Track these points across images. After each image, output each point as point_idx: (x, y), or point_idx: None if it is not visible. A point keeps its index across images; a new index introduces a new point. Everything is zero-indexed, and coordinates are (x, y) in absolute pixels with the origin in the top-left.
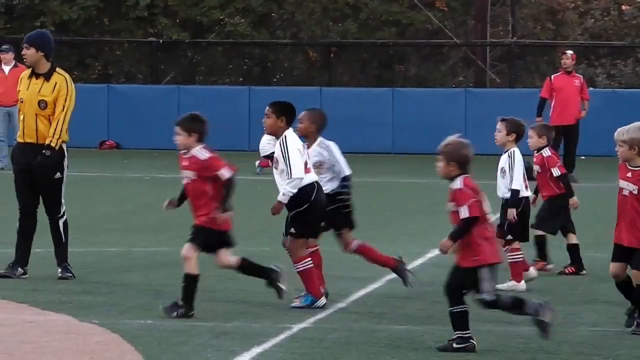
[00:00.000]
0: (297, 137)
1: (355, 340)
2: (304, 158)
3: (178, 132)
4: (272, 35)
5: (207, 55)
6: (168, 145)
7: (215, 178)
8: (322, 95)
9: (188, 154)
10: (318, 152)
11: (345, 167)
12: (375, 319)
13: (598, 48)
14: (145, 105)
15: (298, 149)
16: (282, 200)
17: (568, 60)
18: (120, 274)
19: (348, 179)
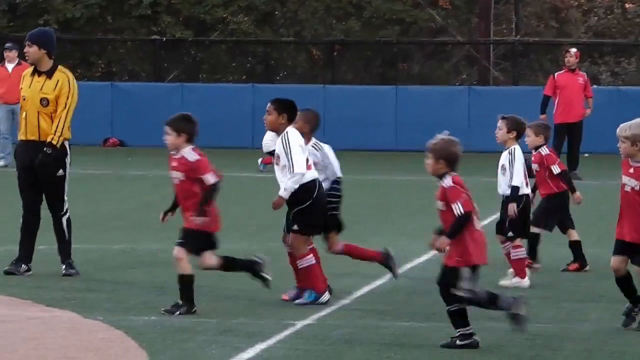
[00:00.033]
0: (298, 134)
1: (359, 337)
2: (306, 154)
3: (168, 131)
4: (275, 34)
5: (210, 54)
6: None
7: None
8: (325, 93)
9: (177, 155)
10: (312, 153)
11: (338, 169)
12: (379, 316)
13: (602, 46)
14: (149, 103)
15: (300, 145)
16: (283, 196)
17: (572, 58)
18: (124, 271)
19: (339, 182)
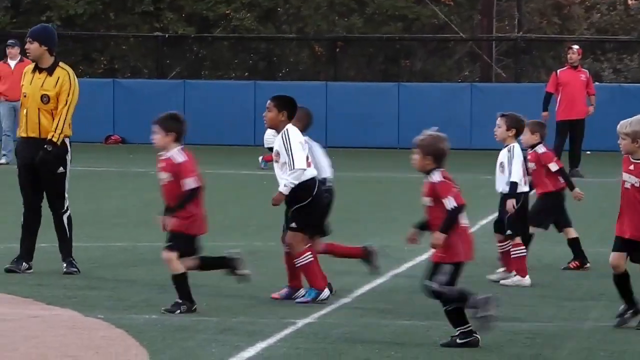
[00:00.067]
0: (298, 131)
1: (360, 336)
2: (306, 152)
3: (156, 130)
4: (278, 30)
5: (212, 50)
6: None
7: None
8: (327, 90)
9: (165, 155)
10: None
11: (325, 170)
12: (380, 315)
13: (604, 43)
14: (151, 100)
15: (300, 142)
16: (283, 192)
17: (574, 55)
18: (126, 269)
19: (324, 182)
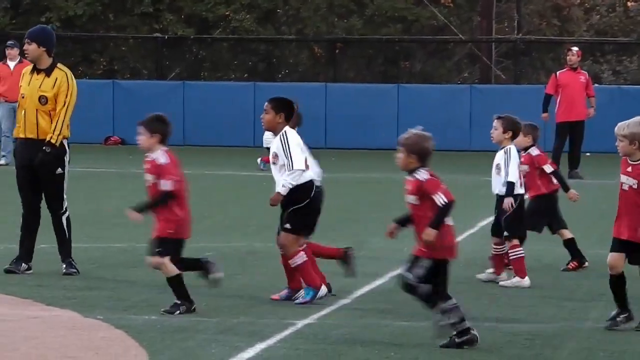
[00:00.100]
0: (296, 133)
1: (360, 337)
2: (305, 154)
3: (140, 131)
4: (277, 31)
5: (212, 51)
6: (172, 141)
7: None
8: (327, 92)
9: (149, 157)
10: None
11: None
12: (380, 315)
13: (603, 44)
14: (151, 101)
15: (298, 144)
16: (281, 192)
17: (573, 57)
18: (125, 270)
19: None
